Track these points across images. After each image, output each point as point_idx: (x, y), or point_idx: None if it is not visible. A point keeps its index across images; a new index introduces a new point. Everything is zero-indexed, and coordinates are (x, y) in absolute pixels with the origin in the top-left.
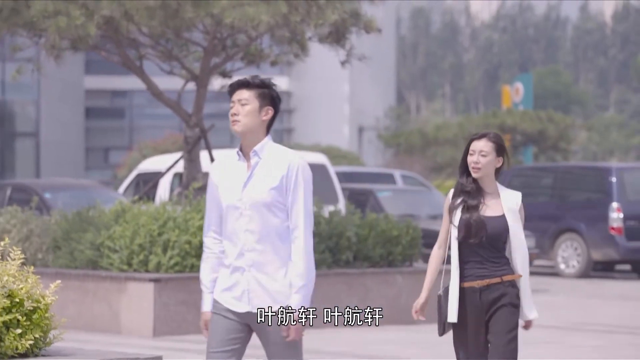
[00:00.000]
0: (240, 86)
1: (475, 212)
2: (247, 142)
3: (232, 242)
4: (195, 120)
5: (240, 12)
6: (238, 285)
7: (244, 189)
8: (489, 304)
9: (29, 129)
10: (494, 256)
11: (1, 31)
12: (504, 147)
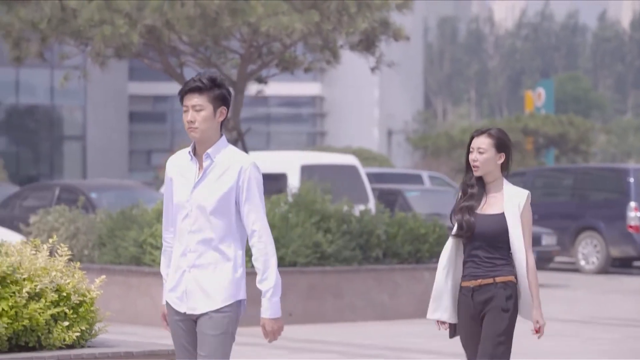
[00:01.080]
0: (193, 91)
1: (469, 211)
2: (202, 145)
3: (179, 240)
4: (232, 123)
5: (275, 21)
6: (180, 285)
7: (193, 190)
8: (480, 304)
9: (76, 132)
10: (492, 257)
11: (50, 39)
12: (505, 143)
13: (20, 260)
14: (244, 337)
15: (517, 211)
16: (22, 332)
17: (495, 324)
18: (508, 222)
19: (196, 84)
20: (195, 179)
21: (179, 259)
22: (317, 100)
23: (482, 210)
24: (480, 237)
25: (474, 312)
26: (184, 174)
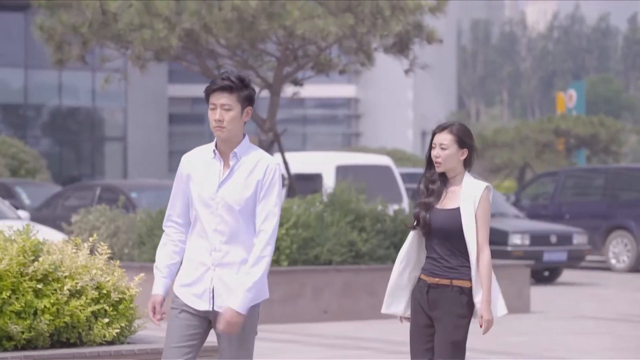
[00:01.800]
0: (223, 90)
1: (426, 207)
2: (226, 143)
3: (201, 237)
4: (269, 125)
5: (311, 24)
6: (200, 282)
7: (219, 188)
8: (433, 303)
9: (117, 134)
10: (449, 254)
11: (91, 43)
12: (465, 139)
13: (62, 259)
14: (279, 334)
15: (472, 205)
16: (63, 328)
17: (453, 331)
18: (462, 216)
19: (226, 83)
20: (220, 177)
21: (201, 256)
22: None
23: (441, 205)
24: (436, 232)
25: (425, 307)
26: (206, 171)
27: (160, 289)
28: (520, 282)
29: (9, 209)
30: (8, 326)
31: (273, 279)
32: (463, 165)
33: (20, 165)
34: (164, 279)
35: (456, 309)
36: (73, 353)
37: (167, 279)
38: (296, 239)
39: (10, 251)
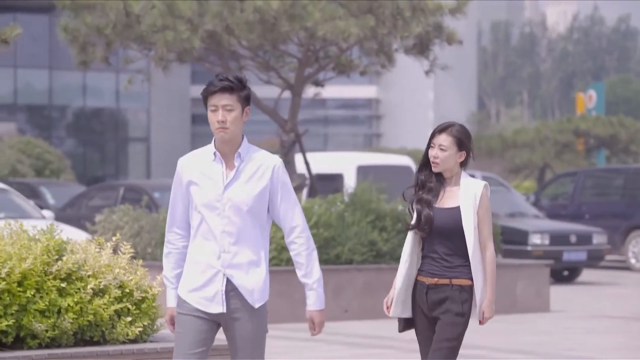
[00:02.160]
0: (224, 91)
1: (428, 204)
2: (228, 144)
3: (208, 240)
4: (290, 125)
5: (332, 26)
6: (211, 285)
7: (225, 190)
8: (433, 304)
9: (140, 134)
10: (451, 253)
11: (115, 44)
12: (465, 142)
13: (85, 258)
14: (301, 332)
15: (472, 203)
16: (86, 327)
17: (449, 328)
18: (462, 215)
19: (227, 84)
20: (224, 179)
21: (209, 259)
22: (373, 102)
23: (440, 204)
24: (437, 232)
25: (426, 309)
26: (208, 175)
27: (173, 300)
28: (539, 282)
29: (33, 209)
30: (32, 324)
31: (295, 278)
32: (460, 167)
33: (45, 165)
34: (175, 290)
35: (455, 307)
36: (96, 351)
37: (178, 292)
38: (317, 238)
39: (34, 250)
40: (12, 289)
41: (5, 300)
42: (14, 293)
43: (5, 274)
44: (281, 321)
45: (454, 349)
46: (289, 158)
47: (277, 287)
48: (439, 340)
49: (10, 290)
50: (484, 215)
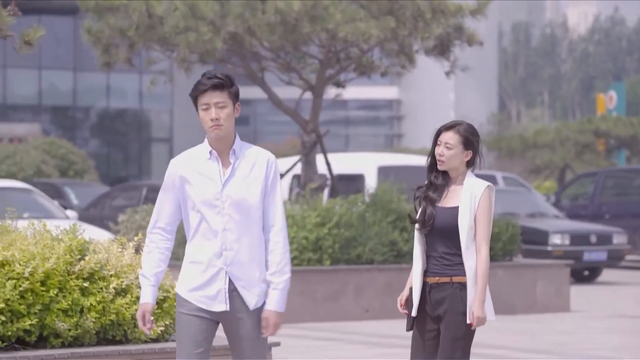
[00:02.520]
0: (214, 88)
1: (432, 203)
2: (223, 142)
3: (207, 239)
4: (311, 126)
5: (353, 27)
6: (213, 283)
7: (224, 188)
8: (436, 303)
9: (163, 135)
10: (450, 252)
11: (137, 46)
12: (472, 141)
13: (108, 258)
14: (322, 332)
15: (471, 204)
16: (109, 326)
17: (455, 327)
18: (459, 215)
19: (217, 81)
20: (221, 176)
21: (210, 257)
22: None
23: (442, 203)
24: (437, 231)
25: (430, 309)
26: (205, 173)
27: (150, 297)
28: (560, 282)
29: (57, 209)
30: (55, 324)
31: (316, 277)
32: (466, 166)
33: (69, 166)
34: (152, 287)
35: (458, 306)
36: (119, 350)
37: (155, 287)
38: (338, 238)
39: (57, 250)
40: (36, 289)
41: (28, 300)
42: (37, 292)
43: (29, 274)
44: (302, 321)
45: (461, 348)
46: (310, 158)
47: (299, 286)
48: (446, 340)
49: (33, 289)
50: (481, 216)
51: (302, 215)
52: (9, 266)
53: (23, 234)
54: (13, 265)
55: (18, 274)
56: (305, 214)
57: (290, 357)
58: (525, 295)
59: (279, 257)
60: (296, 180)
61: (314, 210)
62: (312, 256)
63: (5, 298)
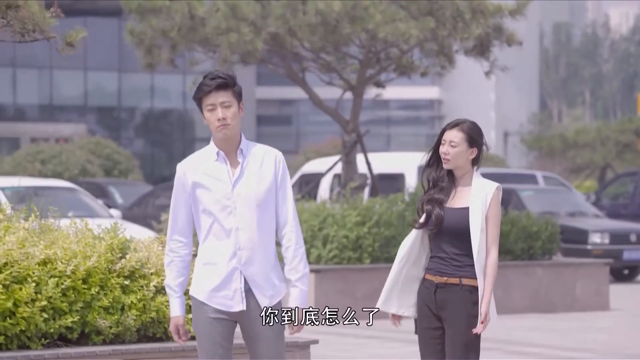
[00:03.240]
0: (219, 88)
1: (439, 204)
2: (230, 141)
3: (220, 240)
4: (352, 126)
5: (393, 28)
6: (229, 284)
7: (234, 187)
8: (442, 302)
9: (207, 134)
10: (460, 253)
11: (180, 47)
12: (476, 138)
13: (148, 256)
14: (362, 330)
15: (481, 205)
16: (149, 323)
17: (465, 330)
18: (470, 216)
19: (222, 81)
20: (231, 176)
21: (224, 258)
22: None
23: (450, 204)
24: (446, 231)
25: (433, 308)
26: (214, 175)
27: (179, 309)
28: (599, 280)
29: (101, 208)
30: (96, 321)
31: (356, 276)
32: (471, 165)
33: (114, 165)
34: (179, 298)
35: (467, 309)
36: (159, 347)
37: (181, 298)
38: (378, 237)
39: (98, 248)
40: (77, 286)
41: (70, 297)
42: (79, 290)
43: (71, 272)
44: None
45: (473, 351)
46: (351, 158)
47: (338, 285)
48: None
49: (75, 287)
50: (491, 218)
51: (343, 214)
52: (51, 264)
53: (65, 232)
54: (55, 263)
55: (60, 272)
56: (346, 212)
57: (328, 354)
58: (565, 294)
59: (292, 254)
60: (337, 179)
61: (354, 209)
62: (352, 255)
63: (47, 296)
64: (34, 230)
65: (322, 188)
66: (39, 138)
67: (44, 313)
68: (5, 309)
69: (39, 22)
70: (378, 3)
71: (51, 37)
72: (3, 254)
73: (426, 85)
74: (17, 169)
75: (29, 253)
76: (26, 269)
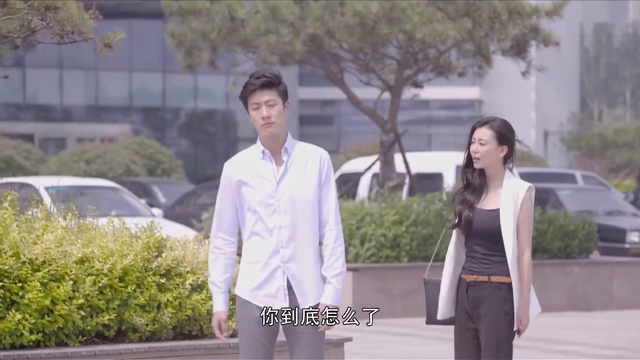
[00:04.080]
0: (263, 87)
1: (469, 206)
2: (276, 140)
3: (263, 238)
4: (390, 126)
5: (430, 28)
6: (272, 282)
7: (278, 186)
8: (474, 301)
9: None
10: (490, 253)
11: (220, 48)
12: (506, 135)
13: (184, 254)
14: (400, 327)
15: (512, 206)
16: (185, 321)
17: (495, 328)
18: (501, 218)
19: (267, 80)
20: (275, 175)
21: (267, 256)
22: (476, 103)
23: (482, 205)
24: (477, 233)
25: (467, 307)
26: (259, 173)
27: (223, 305)
28: (636, 279)
29: (143, 207)
30: (133, 319)
31: (393, 274)
32: (503, 163)
33: (157, 165)
34: (223, 294)
35: (497, 306)
36: (194, 345)
37: (226, 294)
38: (416, 236)
39: (135, 247)
40: (114, 284)
41: (107, 295)
42: (116, 288)
43: (108, 270)
44: (380, 317)
45: (504, 349)
46: (388, 157)
47: (377, 283)
48: (489, 342)
49: (112, 285)
50: (523, 219)
51: (380, 213)
52: (88, 263)
53: (102, 231)
54: (92, 261)
55: (97, 270)
56: (384, 211)
57: (362, 352)
58: (602, 293)
59: (330, 252)
60: (376, 179)
61: (392, 208)
62: (390, 253)
63: (84, 294)
64: (72, 229)
65: (361, 187)
66: (85, 138)
67: (81, 311)
68: (43, 306)
69: (77, 24)
70: (415, 4)
71: (90, 38)
72: (41, 253)
73: (467, 86)
74: (63, 168)
75: (67, 251)
76: (64, 267)
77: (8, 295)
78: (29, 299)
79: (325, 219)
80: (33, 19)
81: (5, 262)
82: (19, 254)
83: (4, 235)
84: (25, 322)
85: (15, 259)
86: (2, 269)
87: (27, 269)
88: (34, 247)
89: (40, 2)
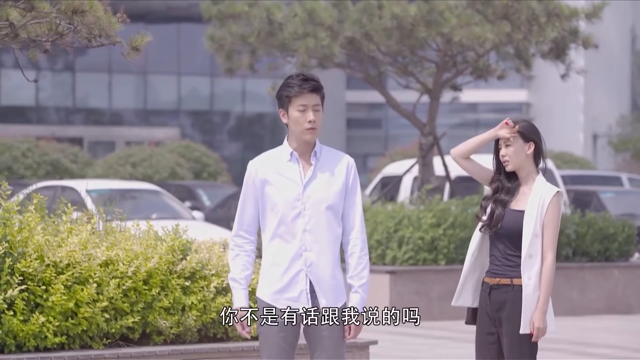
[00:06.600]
0: (313, 91)
1: (502, 205)
2: (310, 145)
3: (286, 241)
4: (428, 128)
5: (468, 31)
6: (295, 285)
7: (305, 189)
8: (496, 304)
9: None
10: (513, 254)
11: (259, 52)
12: (531, 131)
13: (209, 257)
14: (437, 330)
15: (537, 209)
16: (210, 324)
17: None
18: (524, 220)
19: (316, 84)
20: (302, 178)
21: (290, 259)
22: (524, 106)
23: (512, 205)
24: (502, 232)
25: (490, 311)
26: (286, 175)
27: (244, 300)
28: None
29: (184, 210)
30: (158, 321)
31: (431, 277)
32: (533, 163)
33: (203, 168)
34: (244, 290)
35: (519, 310)
36: (218, 348)
37: (246, 290)
38: (453, 238)
39: (159, 250)
40: (138, 287)
41: (131, 298)
42: (140, 291)
43: (132, 273)
44: None
45: (528, 351)
46: (427, 160)
47: (414, 286)
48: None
49: (136, 288)
50: (548, 223)
51: (418, 215)
52: (112, 265)
53: (127, 234)
54: (117, 264)
55: (122, 272)
56: (421, 214)
57: (388, 354)
58: (637, 295)
59: (356, 261)
60: (416, 181)
61: (429, 210)
62: (428, 256)
63: (109, 296)
64: (98, 232)
65: (403, 190)
66: (134, 142)
67: (106, 313)
68: (67, 309)
69: (104, 27)
70: (454, 7)
71: (117, 42)
72: (65, 255)
73: (515, 89)
74: (109, 171)
75: (91, 254)
76: (88, 270)
77: (32, 298)
78: (52, 302)
79: (350, 227)
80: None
81: (29, 265)
82: (43, 256)
83: (28, 238)
84: (49, 324)
85: (39, 262)
86: (27, 272)
87: (52, 272)
88: (58, 250)
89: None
